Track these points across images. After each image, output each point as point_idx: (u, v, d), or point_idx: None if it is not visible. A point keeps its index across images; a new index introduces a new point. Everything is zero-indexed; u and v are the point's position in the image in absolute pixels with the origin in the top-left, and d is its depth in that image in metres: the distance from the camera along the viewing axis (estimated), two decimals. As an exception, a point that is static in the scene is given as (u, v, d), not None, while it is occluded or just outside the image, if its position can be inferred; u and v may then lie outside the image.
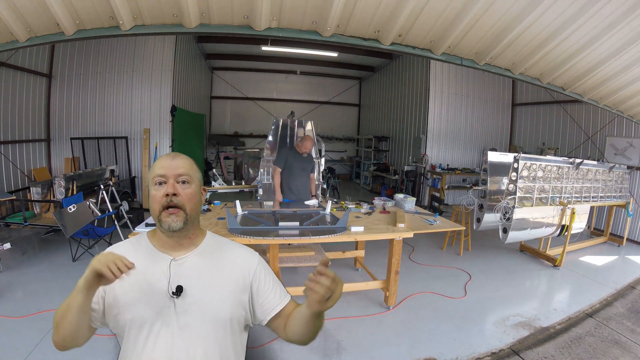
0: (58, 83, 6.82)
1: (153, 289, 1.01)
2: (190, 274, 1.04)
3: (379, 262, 4.21)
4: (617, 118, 6.23)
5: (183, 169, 1.05)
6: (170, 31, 2.78)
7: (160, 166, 1.04)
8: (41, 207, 5.07)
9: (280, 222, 3.12)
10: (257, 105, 12.67)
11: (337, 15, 2.61)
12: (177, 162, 1.05)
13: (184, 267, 1.05)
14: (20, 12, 2.42)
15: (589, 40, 3.02)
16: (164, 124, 7.17)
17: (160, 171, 1.03)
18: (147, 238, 1.11)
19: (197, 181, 1.08)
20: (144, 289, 1.01)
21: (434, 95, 8.30)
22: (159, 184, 1.03)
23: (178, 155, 1.08)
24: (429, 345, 2.84)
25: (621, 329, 3.17)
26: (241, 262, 1.12)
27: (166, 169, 1.03)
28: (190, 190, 1.05)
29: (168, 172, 1.03)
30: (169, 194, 1.01)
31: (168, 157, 1.06)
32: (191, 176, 1.06)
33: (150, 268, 1.03)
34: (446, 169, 8.27)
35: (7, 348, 2.53)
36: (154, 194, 1.03)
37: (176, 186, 1.03)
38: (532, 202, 4.36)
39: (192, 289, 1.02)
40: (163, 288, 1.01)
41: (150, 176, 1.06)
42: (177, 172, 1.03)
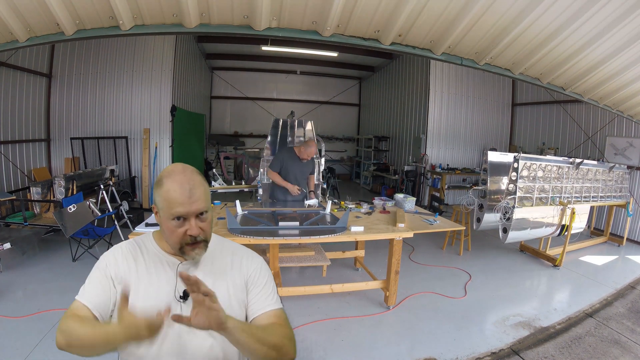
0: (58, 83, 6.82)
1: (160, 293, 1.01)
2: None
3: (379, 262, 4.21)
4: (617, 118, 6.23)
5: (202, 204, 1.00)
6: (170, 31, 2.78)
7: (179, 203, 0.97)
8: (41, 207, 5.06)
9: (280, 222, 3.12)
10: (257, 105, 12.67)
11: (337, 15, 2.61)
12: (195, 196, 0.98)
13: (190, 271, 1.05)
14: (20, 12, 2.42)
15: (589, 40, 3.02)
16: (164, 124, 7.17)
17: (180, 209, 0.97)
18: (153, 240, 1.11)
19: (209, 203, 1.05)
20: (152, 293, 1.01)
21: (434, 95, 8.30)
22: (178, 218, 0.99)
23: (193, 184, 0.99)
24: (429, 345, 2.84)
25: (621, 329, 3.17)
26: (242, 264, 1.13)
27: (186, 207, 0.97)
28: (208, 219, 1.03)
29: (189, 210, 0.98)
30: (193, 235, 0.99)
31: (185, 192, 0.97)
32: (207, 205, 1.02)
33: (158, 272, 1.04)
34: (446, 168, 8.27)
35: (7, 348, 2.53)
36: (173, 230, 0.99)
37: (198, 224, 1.00)
38: (532, 202, 4.36)
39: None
40: (170, 292, 1.02)
41: (164, 206, 0.99)
42: (197, 209, 0.99)
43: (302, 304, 3.34)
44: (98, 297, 0.99)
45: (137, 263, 1.05)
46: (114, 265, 1.04)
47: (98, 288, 1.00)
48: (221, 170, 9.44)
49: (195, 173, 1.03)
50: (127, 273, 1.03)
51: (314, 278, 4.01)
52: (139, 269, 1.04)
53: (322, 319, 3.14)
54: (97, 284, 1.01)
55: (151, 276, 1.03)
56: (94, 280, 1.02)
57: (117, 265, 1.04)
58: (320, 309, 3.31)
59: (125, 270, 1.03)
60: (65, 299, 3.18)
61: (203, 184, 1.03)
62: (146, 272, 1.04)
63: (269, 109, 12.56)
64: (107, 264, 1.04)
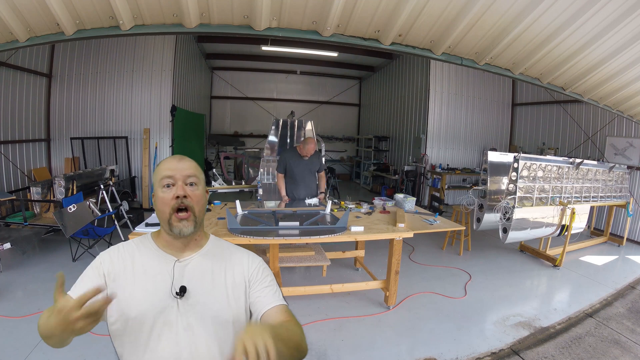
0: (58, 83, 6.82)
1: (156, 289, 1.01)
2: (193, 274, 1.04)
3: (379, 262, 4.21)
4: (617, 118, 6.23)
5: (191, 171, 1.05)
6: (170, 31, 2.78)
7: (167, 168, 1.03)
8: (41, 207, 5.06)
9: (280, 222, 3.12)
10: (257, 105, 12.66)
11: (337, 15, 2.61)
12: (185, 164, 1.05)
13: (188, 268, 1.05)
14: (20, 12, 2.42)
15: (589, 40, 3.03)
16: (164, 124, 7.17)
17: (168, 172, 1.03)
18: (151, 238, 1.11)
19: (202, 183, 1.09)
20: (148, 288, 1.01)
21: (434, 95, 8.30)
22: (167, 186, 1.02)
23: (184, 157, 1.08)
24: (429, 345, 2.84)
25: (621, 329, 3.17)
26: (243, 263, 1.12)
27: (174, 171, 1.03)
28: (198, 191, 1.05)
29: (176, 173, 1.03)
30: (179, 196, 1.01)
31: (174, 159, 1.06)
32: (198, 178, 1.06)
33: (154, 268, 1.04)
34: (446, 168, 8.27)
35: (7, 348, 2.53)
36: (163, 196, 1.02)
37: (185, 188, 1.03)
38: (532, 202, 4.36)
39: (195, 290, 1.02)
40: (167, 288, 1.01)
41: (156, 178, 1.05)
42: (185, 174, 1.03)
43: (302, 304, 3.34)
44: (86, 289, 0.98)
45: (133, 261, 1.05)
46: (108, 262, 1.04)
47: (87, 284, 0.99)
48: (221, 170, 9.44)
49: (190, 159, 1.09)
50: (121, 271, 1.02)
51: (314, 278, 4.02)
52: (135, 267, 1.03)
53: (322, 319, 3.14)
54: (87, 280, 1.01)
55: (147, 273, 1.03)
56: (85, 277, 1.02)
57: (112, 263, 1.03)
58: (320, 309, 3.31)
59: (120, 268, 1.03)
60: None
61: (195, 162, 1.08)
62: (142, 270, 1.03)
63: (269, 109, 12.56)
64: (102, 262, 1.04)
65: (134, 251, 1.07)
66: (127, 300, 0.98)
